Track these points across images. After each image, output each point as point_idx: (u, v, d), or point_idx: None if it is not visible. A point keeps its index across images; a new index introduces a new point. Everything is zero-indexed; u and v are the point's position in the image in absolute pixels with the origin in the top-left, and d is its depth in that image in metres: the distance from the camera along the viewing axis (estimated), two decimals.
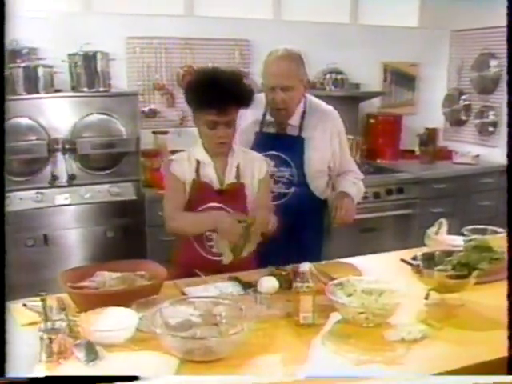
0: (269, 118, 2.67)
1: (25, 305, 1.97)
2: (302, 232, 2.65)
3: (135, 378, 1.51)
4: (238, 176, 2.45)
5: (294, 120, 2.65)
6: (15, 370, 1.59)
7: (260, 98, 2.65)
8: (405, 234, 4.22)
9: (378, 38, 4.88)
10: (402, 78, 5.21)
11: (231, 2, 4.48)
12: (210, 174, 2.43)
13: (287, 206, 2.61)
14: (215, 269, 2.32)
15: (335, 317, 1.93)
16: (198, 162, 2.42)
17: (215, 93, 2.28)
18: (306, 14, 4.68)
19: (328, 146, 2.69)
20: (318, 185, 2.72)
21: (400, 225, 4.36)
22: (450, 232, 2.64)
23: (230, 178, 2.45)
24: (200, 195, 2.40)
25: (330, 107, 2.76)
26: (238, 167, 2.45)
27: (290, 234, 2.56)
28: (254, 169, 2.49)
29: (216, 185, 2.43)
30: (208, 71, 2.49)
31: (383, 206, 4.34)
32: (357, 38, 4.80)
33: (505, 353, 1.64)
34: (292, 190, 2.66)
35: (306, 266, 1.90)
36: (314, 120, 2.66)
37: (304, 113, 2.66)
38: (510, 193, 1.73)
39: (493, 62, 4.88)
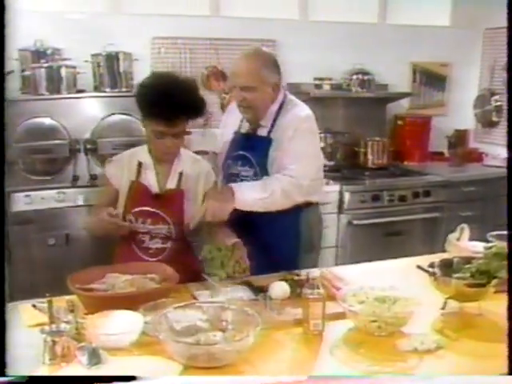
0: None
1: (34, 305, 1.96)
2: (268, 236, 2.51)
3: (133, 378, 1.49)
4: (179, 183, 2.42)
5: (265, 121, 2.56)
6: (18, 370, 1.59)
7: None
8: (431, 238, 4.12)
9: (407, 37, 4.79)
10: (431, 79, 5.11)
11: (257, 2, 4.44)
12: (150, 177, 2.41)
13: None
14: None
15: (346, 324, 1.87)
16: (140, 165, 2.41)
17: (165, 105, 2.23)
18: (332, 14, 4.62)
19: (286, 146, 2.51)
20: None
21: (426, 229, 4.26)
22: (477, 237, 2.56)
23: (170, 184, 2.42)
24: (136, 197, 2.39)
25: (307, 111, 2.58)
26: (181, 174, 2.42)
27: (256, 237, 2.45)
28: (200, 178, 2.46)
29: (154, 189, 2.41)
30: (161, 79, 2.39)
31: (409, 209, 4.25)
32: (385, 37, 4.71)
33: None
34: None
35: (316, 272, 1.85)
36: (285, 122, 2.53)
37: (277, 114, 2.56)
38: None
39: None
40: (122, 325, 1.74)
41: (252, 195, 2.41)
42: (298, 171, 2.46)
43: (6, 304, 1.50)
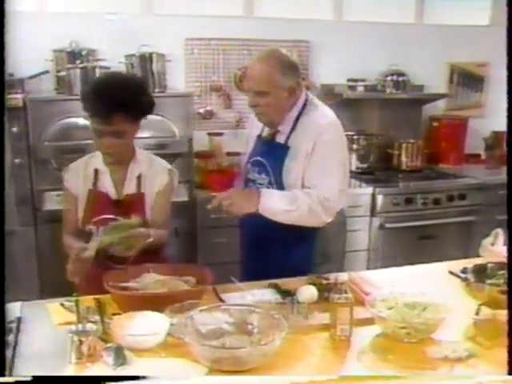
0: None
1: (62, 304, 1.98)
2: (282, 243, 2.45)
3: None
4: (138, 186, 2.36)
5: (284, 126, 2.45)
6: (44, 369, 1.60)
7: None
8: (466, 243, 4.05)
9: (444, 37, 4.70)
10: (469, 79, 5.01)
11: (291, 2, 4.42)
12: (106, 183, 2.35)
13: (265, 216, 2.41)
14: None
15: (374, 330, 1.84)
16: (97, 171, 2.35)
17: (100, 101, 2.18)
18: (367, 14, 4.56)
19: (305, 158, 2.39)
20: None
21: (461, 232, 4.18)
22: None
23: (129, 189, 2.36)
24: (96, 206, 2.32)
25: (329, 118, 2.45)
26: (139, 177, 2.36)
27: (270, 244, 2.44)
28: (156, 180, 2.38)
29: (113, 195, 2.35)
30: (105, 78, 2.39)
31: (444, 212, 4.18)
32: (422, 38, 4.64)
33: None
34: None
35: (344, 277, 1.82)
36: (304, 129, 2.41)
37: (297, 119, 2.44)
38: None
39: None
40: (148, 326, 1.73)
41: (278, 204, 2.33)
42: (326, 188, 2.36)
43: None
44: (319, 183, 2.36)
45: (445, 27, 4.76)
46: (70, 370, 1.60)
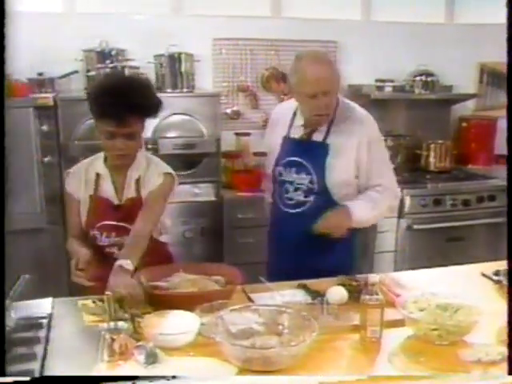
0: (298, 122, 2.53)
1: (94, 302, 1.99)
2: (321, 242, 2.43)
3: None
4: (138, 190, 2.32)
5: (324, 125, 2.48)
6: (76, 366, 1.62)
7: (293, 103, 2.56)
8: (495, 244, 3.99)
9: (474, 37, 4.64)
10: (499, 79, 4.92)
11: (319, 3, 4.39)
12: (107, 188, 2.31)
13: (305, 216, 2.46)
14: None
15: (405, 332, 1.82)
16: (98, 176, 2.31)
17: (114, 103, 2.12)
18: (396, 14, 4.52)
19: (353, 155, 2.45)
20: (346, 194, 2.48)
21: (490, 234, 4.12)
22: None
23: (129, 193, 2.32)
24: (98, 211, 2.29)
25: (364, 113, 2.53)
26: (138, 180, 2.32)
27: (310, 243, 2.43)
28: (150, 181, 2.32)
29: (114, 200, 2.31)
30: (112, 78, 2.34)
31: (473, 213, 4.13)
32: (452, 37, 4.58)
33: None
34: (311, 198, 2.48)
35: (375, 278, 1.80)
36: (342, 126, 2.45)
37: (333, 118, 2.47)
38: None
39: None
40: (179, 325, 1.74)
41: (366, 214, 2.45)
42: (390, 182, 2.50)
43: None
44: (385, 179, 2.48)
45: (475, 26, 4.69)
46: (102, 368, 1.61)
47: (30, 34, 3.57)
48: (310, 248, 2.44)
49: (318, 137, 2.49)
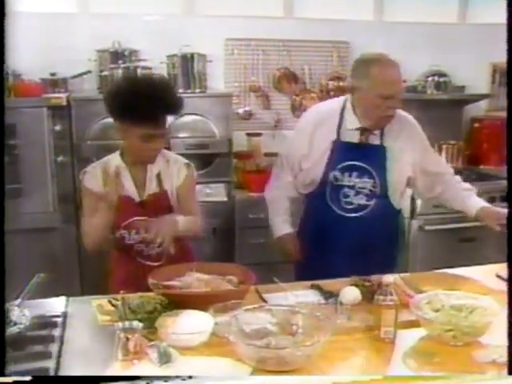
0: (350, 125, 2.52)
1: (110, 301, 2.00)
2: (378, 244, 2.53)
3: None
4: (160, 184, 2.34)
5: (380, 128, 2.52)
6: (91, 365, 1.62)
7: (334, 105, 2.57)
8: (507, 245, 3.97)
9: (488, 37, 4.58)
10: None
11: (331, 3, 4.39)
12: (128, 186, 2.32)
13: (366, 219, 2.52)
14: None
15: (420, 333, 1.82)
16: (117, 174, 2.28)
17: (150, 106, 2.14)
18: (408, 14, 4.52)
19: (408, 156, 2.56)
20: (397, 195, 2.60)
21: (502, 235, 4.08)
22: None
23: (150, 188, 2.34)
24: (121, 210, 2.27)
25: (409, 115, 2.64)
26: (159, 175, 2.35)
27: (367, 246, 2.48)
28: (174, 175, 2.37)
29: (136, 197, 2.33)
30: (135, 81, 2.33)
31: None
32: (464, 38, 4.57)
33: None
34: (372, 202, 2.53)
35: (389, 278, 1.80)
36: (394, 128, 2.52)
37: None
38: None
39: None
40: (193, 325, 1.74)
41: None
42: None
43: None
44: (450, 169, 2.75)
45: (487, 26, 4.66)
46: (117, 367, 1.61)
47: (43, 34, 3.61)
48: (364, 251, 2.49)
49: (374, 140, 2.53)
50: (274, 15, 4.31)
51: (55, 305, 2.04)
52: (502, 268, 2.24)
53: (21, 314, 1.77)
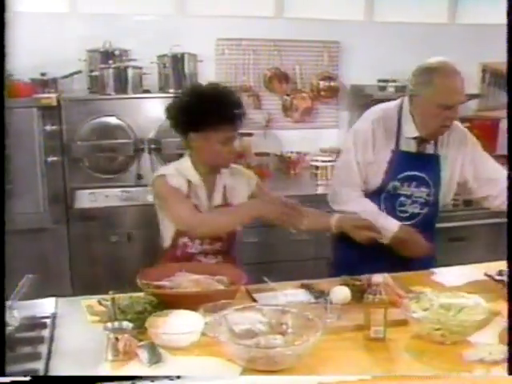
0: (409, 134, 2.49)
1: (100, 302, 1.99)
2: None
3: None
4: (224, 197, 2.38)
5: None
6: (80, 366, 1.62)
7: (391, 112, 2.54)
8: (496, 245, 3.99)
9: (477, 37, 4.64)
10: (501, 79, 4.93)
11: (321, 3, 4.41)
12: (200, 195, 2.34)
13: (416, 226, 2.51)
14: None
15: (409, 332, 1.82)
16: (189, 183, 2.32)
17: (230, 109, 2.23)
18: (398, 14, 4.54)
19: (459, 163, 2.56)
20: (445, 202, 2.67)
21: (492, 234, 4.13)
22: None
23: (217, 200, 2.37)
24: None
25: (456, 121, 2.60)
26: (224, 188, 2.38)
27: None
28: (242, 186, 2.43)
29: (204, 208, 2.34)
30: (208, 89, 2.33)
31: (475, 214, 4.12)
32: (454, 38, 4.58)
33: None
34: (425, 210, 2.56)
35: (379, 278, 1.81)
36: (446, 136, 2.52)
37: None
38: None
39: None
40: (183, 325, 1.74)
41: None
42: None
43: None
44: (503, 171, 2.56)
45: (477, 26, 4.70)
46: (107, 367, 1.61)
47: (33, 34, 3.59)
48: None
49: (430, 149, 2.54)
50: (265, 15, 4.32)
51: (45, 306, 2.03)
52: (490, 267, 2.26)
53: (10, 315, 1.76)
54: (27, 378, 1.47)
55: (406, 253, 2.42)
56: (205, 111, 2.22)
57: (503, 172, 2.59)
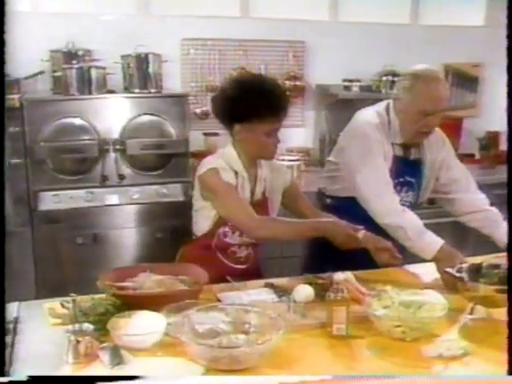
0: (396, 140, 2.51)
1: (62, 304, 1.97)
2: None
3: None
4: (264, 191, 2.40)
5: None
6: (42, 369, 1.60)
7: (383, 119, 2.52)
8: (460, 242, 4.05)
9: (439, 38, 4.72)
10: (463, 80, 5.03)
11: (287, 3, 4.43)
12: (246, 187, 2.34)
13: None
14: (236, 276, 2.27)
15: (371, 329, 1.85)
16: (236, 174, 2.32)
17: (275, 100, 2.23)
18: (363, 15, 4.58)
19: (437, 165, 2.61)
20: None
21: (455, 232, 4.18)
22: None
23: (258, 193, 2.39)
24: None
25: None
26: (265, 182, 2.40)
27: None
28: (280, 181, 2.45)
29: (248, 199, 2.35)
30: (254, 80, 2.35)
31: (438, 212, 4.15)
32: (417, 38, 4.65)
33: None
34: None
35: (340, 276, 1.83)
36: (429, 140, 2.56)
37: None
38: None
39: None
40: (145, 326, 1.74)
41: None
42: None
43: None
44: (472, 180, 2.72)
45: (440, 28, 4.78)
46: (67, 370, 1.60)
47: None
48: None
49: (415, 154, 2.57)
50: (230, 15, 4.32)
51: (7, 311, 2.00)
52: None
53: None
54: (26, 378, 1.47)
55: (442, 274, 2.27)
56: (250, 102, 2.21)
57: (472, 180, 2.72)
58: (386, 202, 2.41)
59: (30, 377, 1.48)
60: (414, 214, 2.44)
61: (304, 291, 2.04)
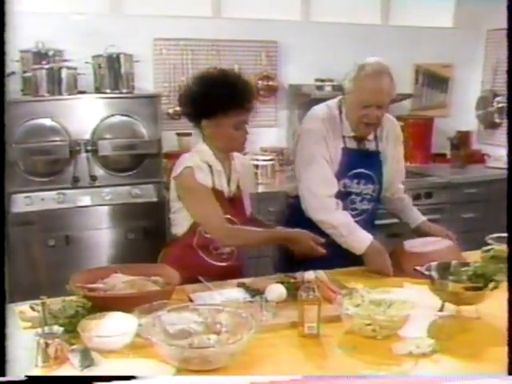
0: (348, 132, 2.53)
1: (32, 307, 1.95)
2: None
3: (133, 377, 1.49)
4: (238, 183, 2.42)
5: (371, 134, 2.56)
6: (14, 372, 1.59)
7: (333, 112, 2.54)
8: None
9: (410, 38, 4.78)
10: (434, 80, 5.09)
11: (259, 3, 4.44)
12: (222, 181, 2.36)
13: (365, 222, 2.59)
14: (218, 274, 2.29)
15: (342, 327, 1.86)
16: (211, 168, 2.33)
17: (244, 91, 2.26)
18: (335, 15, 4.61)
19: (395, 156, 2.67)
20: (386, 196, 2.75)
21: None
22: (479, 239, 2.55)
23: (233, 186, 2.41)
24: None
25: (391, 117, 2.68)
26: (238, 175, 2.43)
27: None
28: (249, 178, 2.54)
29: (227, 193, 2.37)
30: (218, 74, 2.36)
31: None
32: (388, 39, 4.69)
33: None
34: (371, 206, 2.63)
35: (311, 275, 1.84)
36: (384, 131, 2.60)
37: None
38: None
39: None
40: (116, 327, 1.73)
41: None
42: None
43: (6, 304, 1.49)
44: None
45: (410, 28, 4.84)
46: (36, 373, 1.59)
47: None
48: None
49: (371, 146, 2.58)
50: (203, 15, 4.31)
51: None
52: None
53: None
54: (24, 378, 1.47)
55: (370, 267, 2.43)
56: (214, 97, 2.23)
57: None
58: (319, 199, 2.47)
59: (27, 377, 1.47)
60: (346, 212, 2.51)
61: (276, 290, 2.05)
